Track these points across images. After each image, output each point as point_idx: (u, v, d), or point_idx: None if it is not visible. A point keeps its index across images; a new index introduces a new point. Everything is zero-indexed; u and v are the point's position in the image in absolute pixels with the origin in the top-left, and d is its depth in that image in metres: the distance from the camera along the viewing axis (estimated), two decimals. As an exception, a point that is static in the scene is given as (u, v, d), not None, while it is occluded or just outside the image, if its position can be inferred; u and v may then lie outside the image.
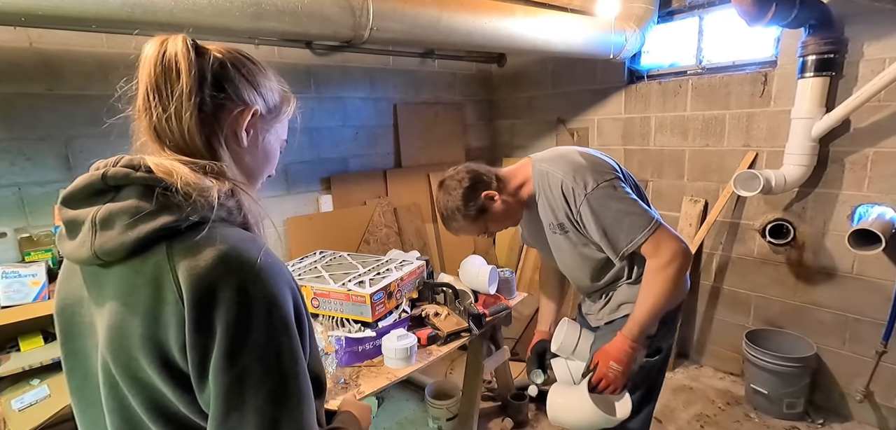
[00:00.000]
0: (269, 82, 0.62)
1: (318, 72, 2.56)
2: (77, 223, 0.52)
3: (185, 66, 0.53)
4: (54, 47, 1.81)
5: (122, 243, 0.49)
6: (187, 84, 0.52)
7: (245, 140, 0.59)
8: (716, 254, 2.57)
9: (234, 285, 0.47)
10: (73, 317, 0.57)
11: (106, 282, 0.52)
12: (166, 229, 0.49)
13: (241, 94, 0.58)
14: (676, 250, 1.12)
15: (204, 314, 0.46)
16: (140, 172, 0.51)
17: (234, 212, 0.54)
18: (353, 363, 1.54)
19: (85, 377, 0.57)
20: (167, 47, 0.53)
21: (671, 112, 2.59)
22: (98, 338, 0.53)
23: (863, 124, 2.03)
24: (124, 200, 0.50)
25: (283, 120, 0.66)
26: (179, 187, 0.49)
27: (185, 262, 0.48)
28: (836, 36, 1.98)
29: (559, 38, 2.13)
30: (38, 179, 1.85)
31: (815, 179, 2.17)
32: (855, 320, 2.17)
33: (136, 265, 0.49)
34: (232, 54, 0.58)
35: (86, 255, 0.50)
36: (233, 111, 0.57)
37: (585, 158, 1.21)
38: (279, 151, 0.67)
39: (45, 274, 1.73)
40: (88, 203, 0.52)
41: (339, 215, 2.69)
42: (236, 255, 0.49)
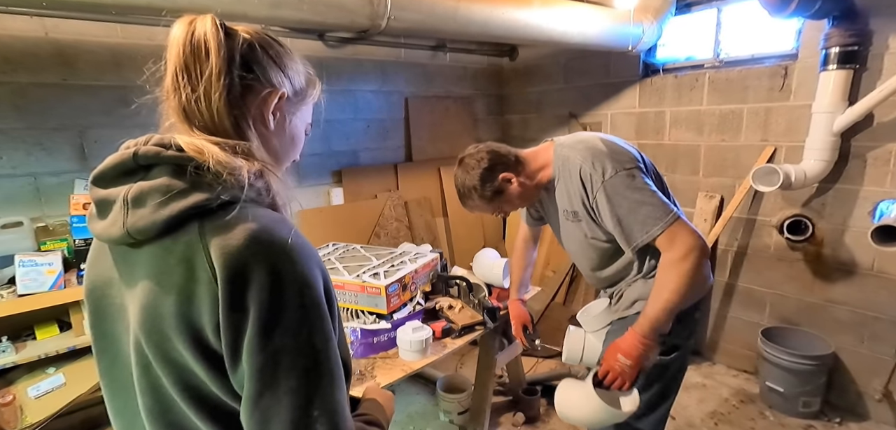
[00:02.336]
0: (296, 65, 0.61)
1: (330, 64, 2.55)
2: (108, 202, 0.51)
3: (214, 46, 0.52)
4: (69, 37, 1.81)
5: (155, 221, 0.48)
6: (217, 65, 0.52)
7: (272, 123, 0.58)
8: (731, 250, 2.54)
9: (268, 265, 0.47)
10: (103, 299, 0.56)
11: (137, 262, 0.51)
12: (198, 207, 0.48)
13: (268, 76, 0.57)
14: (693, 244, 1.08)
15: (237, 294, 0.46)
16: (171, 151, 0.50)
17: (263, 193, 0.53)
18: (368, 354, 1.53)
19: (115, 359, 0.57)
20: (196, 28, 0.53)
21: (686, 106, 2.56)
22: (128, 319, 0.52)
23: (887, 119, 1.98)
24: (155, 179, 0.50)
25: (309, 103, 0.65)
26: (211, 166, 0.49)
27: (217, 241, 0.47)
28: (860, 28, 1.93)
29: (576, 30, 2.10)
30: (53, 169, 1.85)
31: (835, 175, 2.13)
32: (874, 318, 2.13)
33: (168, 244, 0.49)
34: (260, 36, 0.58)
35: (118, 233, 0.50)
36: (261, 93, 0.56)
37: (606, 145, 1.17)
38: (305, 135, 0.67)
39: (60, 263, 1.74)
40: (119, 182, 0.51)
41: (350, 208, 2.68)
42: (268, 235, 0.48)
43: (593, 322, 1.36)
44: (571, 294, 2.87)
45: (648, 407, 1.25)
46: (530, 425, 2.22)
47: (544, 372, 2.50)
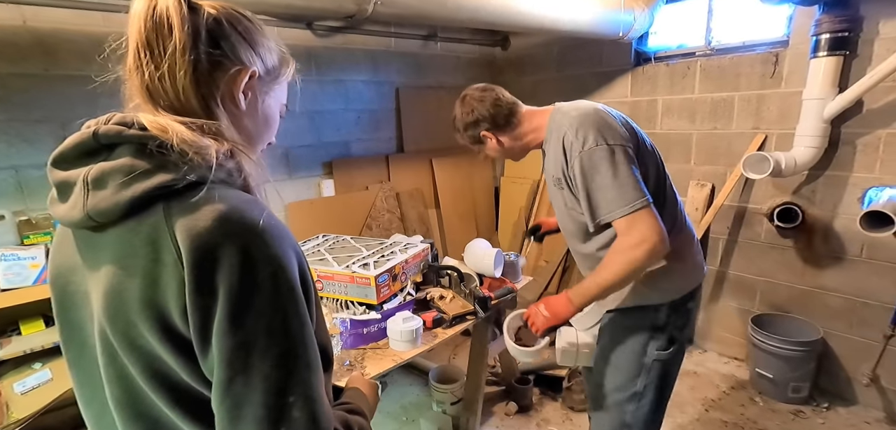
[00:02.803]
0: (267, 42, 0.59)
1: (320, 54, 2.51)
2: (68, 184, 0.49)
3: (177, 20, 0.49)
4: (49, 26, 1.76)
5: (117, 202, 0.46)
6: (181, 40, 0.49)
7: (243, 103, 0.56)
8: (722, 238, 2.55)
9: (237, 247, 0.45)
10: (67, 286, 0.54)
11: (101, 246, 0.49)
12: (163, 188, 0.46)
13: (238, 53, 0.55)
14: (649, 236, 1.04)
15: (205, 276, 0.44)
16: (133, 130, 0.48)
17: (234, 174, 0.51)
18: (358, 345, 1.52)
19: (82, 348, 0.55)
20: (158, 1, 0.50)
21: (679, 95, 2.55)
22: (93, 306, 0.51)
23: (876, 105, 1.99)
24: (118, 159, 0.47)
25: (283, 83, 0.62)
26: (175, 145, 0.47)
27: (183, 222, 0.45)
28: (851, 14, 1.93)
29: (567, 16, 2.08)
30: (35, 162, 1.81)
31: (825, 162, 2.13)
32: (863, 304, 2.15)
33: (132, 227, 0.47)
34: (227, 11, 0.55)
35: (78, 216, 0.47)
36: (229, 70, 0.54)
37: (598, 116, 1.13)
38: (280, 116, 0.64)
39: (44, 257, 1.72)
40: (80, 164, 0.49)
41: (341, 199, 2.66)
42: (238, 215, 0.46)
43: (584, 320, 1.36)
44: (564, 284, 2.88)
45: (648, 403, 1.23)
46: (523, 414, 2.23)
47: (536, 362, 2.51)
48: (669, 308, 1.19)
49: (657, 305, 1.20)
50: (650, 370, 1.22)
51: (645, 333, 1.21)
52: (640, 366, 1.22)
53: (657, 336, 1.21)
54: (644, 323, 1.21)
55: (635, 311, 1.22)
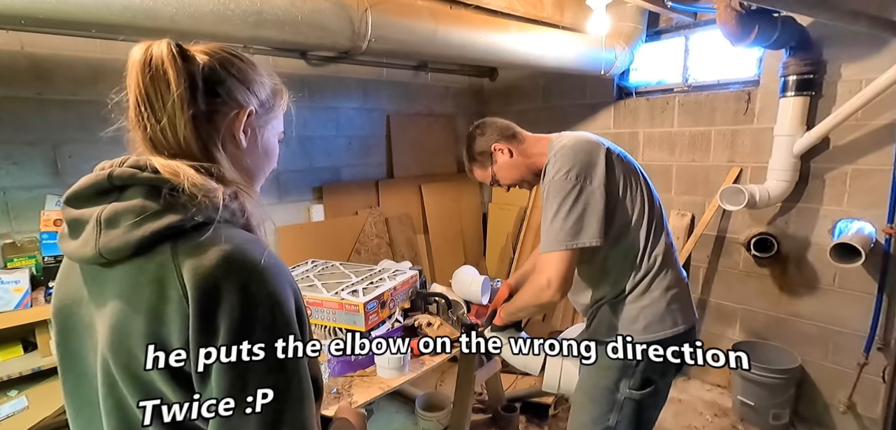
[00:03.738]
0: (261, 78, 0.61)
1: (313, 81, 2.58)
2: (81, 222, 0.52)
3: (173, 74, 0.52)
4: (46, 51, 1.79)
5: (127, 241, 0.49)
6: (178, 93, 0.52)
7: (244, 141, 0.59)
8: (702, 267, 2.62)
9: (239, 285, 0.48)
10: (71, 317, 0.56)
11: (108, 281, 0.51)
12: (172, 228, 0.49)
13: (234, 95, 0.57)
14: (553, 280, 1.13)
15: (208, 312, 0.47)
16: (146, 173, 0.51)
17: (238, 214, 0.54)
18: (346, 372, 1.52)
19: (80, 378, 0.56)
20: (152, 54, 0.52)
21: (658, 128, 2.66)
22: (96, 338, 0.53)
23: (842, 142, 2.10)
24: (130, 200, 0.50)
25: (278, 113, 0.64)
26: (186, 188, 0.50)
27: (189, 261, 0.48)
28: (815, 57, 2.06)
29: (551, 54, 2.18)
30: (24, 184, 1.81)
31: (797, 194, 2.23)
32: (837, 332, 2.22)
33: (140, 264, 0.49)
34: (220, 55, 0.57)
35: (90, 253, 0.50)
36: (228, 115, 0.57)
37: (577, 149, 1.18)
38: (278, 144, 0.67)
39: (28, 281, 1.69)
40: (93, 203, 0.52)
41: (331, 224, 2.68)
42: (241, 255, 0.49)
43: (553, 385, 1.39)
44: (550, 310, 2.91)
45: None
46: (510, 442, 2.22)
47: (524, 389, 2.52)
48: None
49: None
50: (622, 406, 1.22)
51: (617, 370, 1.21)
52: (613, 402, 1.22)
53: (630, 375, 1.20)
54: (616, 361, 1.20)
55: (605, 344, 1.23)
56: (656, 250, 1.22)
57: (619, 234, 1.21)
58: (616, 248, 1.21)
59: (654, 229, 1.22)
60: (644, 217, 1.21)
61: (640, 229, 1.21)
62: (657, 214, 1.24)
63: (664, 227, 1.26)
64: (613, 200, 1.18)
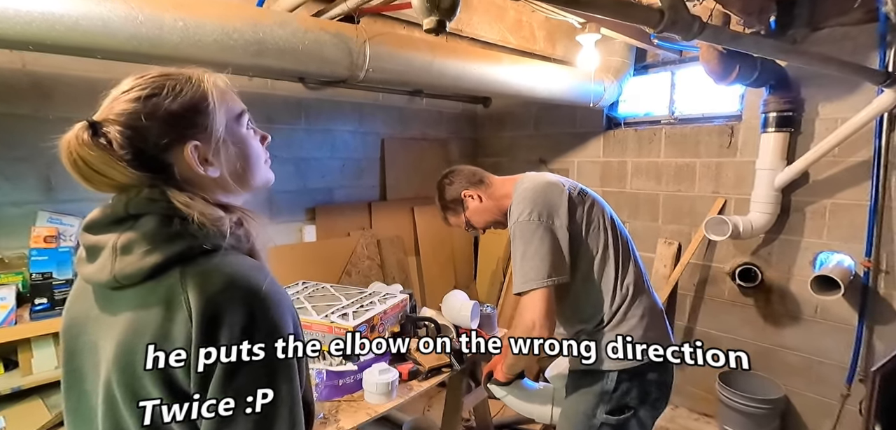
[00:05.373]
0: (180, 102, 0.55)
1: (310, 105, 2.62)
2: (98, 248, 0.55)
3: (93, 155, 0.52)
4: (47, 70, 1.81)
5: (141, 267, 0.52)
6: (116, 168, 0.52)
7: (210, 169, 0.57)
8: (689, 295, 2.66)
9: (241, 309, 0.51)
10: (78, 337, 0.59)
11: (118, 302, 0.54)
12: (181, 255, 0.52)
13: (170, 142, 0.54)
14: (537, 319, 1.15)
15: (210, 333, 0.49)
16: (160, 203, 0.54)
17: (243, 240, 0.58)
18: (334, 397, 1.52)
19: (80, 397, 0.58)
20: (68, 144, 0.52)
21: (646, 158, 2.73)
22: (99, 358, 0.55)
23: (821, 177, 2.18)
24: (143, 228, 0.53)
25: (220, 115, 0.58)
26: (195, 218, 0.53)
27: (196, 285, 0.51)
28: (793, 96, 2.15)
29: (542, 86, 2.25)
30: (15, 200, 1.81)
31: (779, 226, 2.30)
32: (820, 363, 2.26)
33: (151, 287, 0.52)
34: (133, 109, 0.54)
35: (105, 278, 0.53)
36: (180, 160, 0.55)
37: (539, 190, 1.25)
38: (251, 133, 0.63)
39: (13, 298, 1.67)
40: (109, 230, 0.55)
41: (322, 245, 2.69)
42: (245, 281, 0.52)
43: (559, 380, 1.41)
44: (541, 335, 2.91)
45: None
46: (497, 469, 2.20)
47: (511, 416, 2.51)
48: (621, 376, 1.21)
49: (606, 371, 1.22)
50: None
51: (594, 396, 1.24)
52: (590, 427, 1.25)
53: (607, 400, 1.23)
54: (594, 387, 1.25)
55: (587, 373, 1.26)
56: (627, 280, 1.26)
57: (588, 270, 1.25)
58: (587, 283, 1.26)
59: (622, 259, 1.27)
60: (610, 250, 1.26)
61: (607, 262, 1.26)
62: (623, 244, 1.30)
63: (631, 255, 1.31)
64: (577, 239, 1.24)
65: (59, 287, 1.74)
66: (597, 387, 1.24)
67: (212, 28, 1.27)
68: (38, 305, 1.70)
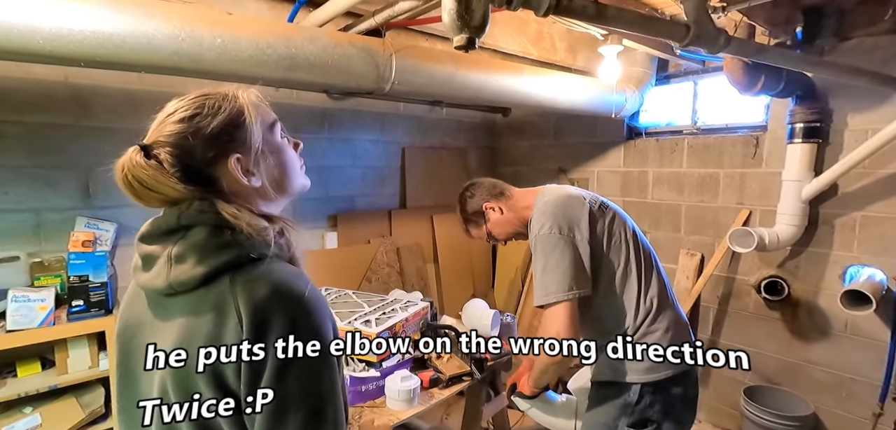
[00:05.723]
0: (220, 119, 0.59)
1: (333, 114, 2.68)
2: (153, 257, 0.59)
3: (148, 174, 0.55)
4: (86, 82, 1.90)
5: (193, 275, 0.55)
6: (168, 184, 0.56)
7: (253, 180, 0.61)
8: (712, 308, 2.61)
9: (287, 315, 0.54)
10: (132, 339, 0.62)
11: (171, 308, 0.58)
12: (230, 264, 0.56)
13: (214, 157, 0.59)
14: (561, 333, 1.13)
15: (259, 337, 0.52)
16: (209, 214, 0.58)
17: (285, 249, 0.61)
18: (356, 402, 1.54)
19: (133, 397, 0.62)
20: (124, 166, 0.56)
21: (668, 168, 2.71)
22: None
23: (850, 189, 2.13)
24: (195, 238, 0.57)
25: (257, 128, 0.62)
26: (244, 229, 0.57)
27: (245, 292, 0.54)
28: (821, 107, 2.11)
29: (564, 97, 2.26)
30: (56, 206, 1.89)
31: (806, 239, 2.25)
32: (850, 380, 2.19)
33: (202, 294, 0.56)
34: (179, 130, 0.58)
35: (161, 285, 0.57)
36: (224, 173, 0.59)
37: (561, 203, 1.26)
38: (286, 141, 0.67)
39: (53, 300, 1.75)
40: (163, 240, 0.59)
41: (343, 252, 2.73)
42: (288, 287, 0.56)
43: (582, 392, 1.41)
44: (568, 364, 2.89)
45: None
46: (516, 480, 2.19)
47: (530, 426, 2.49)
48: (644, 389, 1.20)
49: (630, 383, 1.22)
50: None
51: (617, 408, 1.24)
52: None
53: (629, 413, 1.22)
54: (617, 399, 1.24)
55: (609, 385, 1.26)
56: (651, 292, 1.26)
57: (609, 284, 1.25)
58: (608, 297, 1.25)
59: (645, 273, 1.26)
60: (632, 263, 1.26)
61: (629, 276, 1.25)
62: (646, 257, 1.29)
63: (654, 267, 1.30)
64: (598, 253, 1.24)
65: (95, 290, 1.81)
66: (619, 400, 1.24)
67: (247, 44, 1.32)
68: (74, 306, 1.77)
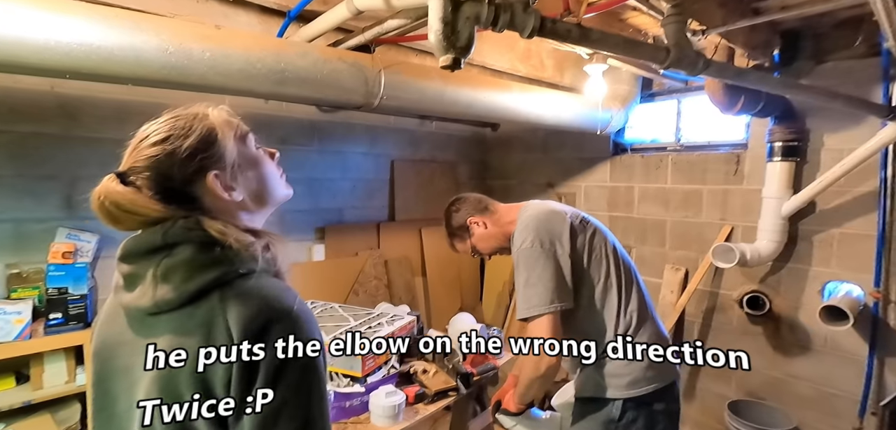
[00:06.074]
0: (192, 139, 0.60)
1: (323, 127, 2.69)
2: (136, 276, 0.58)
3: (125, 198, 0.56)
4: (74, 92, 1.89)
5: (181, 293, 0.55)
6: (148, 208, 0.56)
7: (233, 194, 0.62)
8: (697, 322, 2.65)
9: (277, 329, 0.54)
10: (109, 360, 0.61)
11: (156, 326, 0.57)
12: (219, 280, 0.56)
13: (192, 175, 0.59)
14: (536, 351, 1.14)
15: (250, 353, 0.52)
16: (196, 231, 0.57)
17: (271, 263, 0.61)
18: (340, 418, 1.53)
19: (111, 419, 0.61)
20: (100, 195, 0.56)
21: (653, 184, 2.76)
22: (131, 381, 0.57)
23: (828, 206, 2.19)
24: (181, 256, 0.56)
25: (229, 142, 0.63)
26: (233, 245, 0.57)
27: (234, 308, 0.54)
28: (799, 126, 2.18)
29: (551, 113, 2.30)
30: (38, 216, 1.87)
31: (787, 255, 2.30)
32: (832, 395, 2.23)
33: (190, 311, 0.55)
34: (152, 153, 0.58)
35: (146, 304, 0.56)
36: (205, 191, 0.60)
37: (542, 218, 1.28)
38: (262, 152, 0.67)
39: (30, 312, 1.71)
40: (146, 258, 0.58)
41: (331, 264, 2.72)
42: (278, 302, 0.56)
43: (566, 408, 1.42)
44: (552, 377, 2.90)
45: None
46: (503, 496, 2.17)
47: (519, 440, 2.48)
48: (627, 404, 1.22)
49: (611, 398, 1.23)
50: None
51: (600, 424, 1.25)
52: None
53: (612, 428, 1.23)
54: (599, 415, 1.25)
55: (592, 401, 1.27)
56: (631, 307, 1.27)
57: (590, 298, 1.27)
58: (590, 311, 1.27)
59: (625, 287, 1.28)
60: (612, 278, 1.27)
61: (609, 290, 1.27)
62: (626, 272, 1.31)
63: (635, 282, 1.32)
64: (579, 267, 1.26)
65: (74, 302, 1.78)
66: (602, 414, 1.25)
67: (237, 58, 1.33)
68: (52, 319, 1.74)
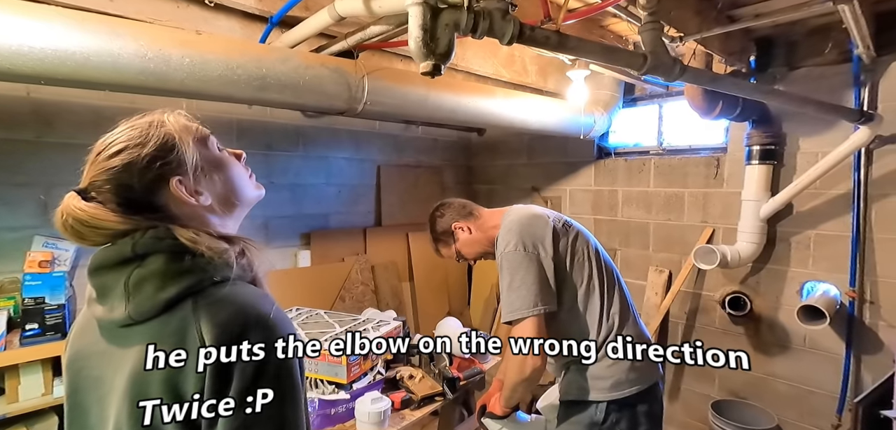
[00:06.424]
0: (149, 147, 0.58)
1: (307, 132, 2.67)
2: (108, 288, 0.57)
3: (85, 213, 0.55)
4: (50, 97, 1.85)
5: (155, 303, 0.54)
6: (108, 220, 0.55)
7: (202, 198, 0.61)
8: (681, 323, 2.69)
9: (253, 338, 0.53)
10: (82, 371, 0.60)
11: (129, 336, 0.56)
12: (192, 288, 0.55)
13: (153, 184, 0.58)
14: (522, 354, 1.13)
15: (224, 363, 0.51)
16: (166, 240, 0.56)
17: (247, 269, 0.60)
18: (325, 426, 1.51)
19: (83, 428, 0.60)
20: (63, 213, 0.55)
21: (636, 187, 2.80)
22: (103, 392, 0.56)
23: (804, 208, 2.25)
24: (152, 266, 0.55)
25: (189, 146, 0.61)
26: (204, 252, 0.56)
27: (208, 315, 0.53)
28: (775, 130, 2.24)
29: (534, 118, 2.32)
30: (11, 224, 1.82)
31: (766, 256, 2.35)
32: (811, 393, 2.28)
33: (164, 320, 0.54)
34: (110, 165, 0.57)
35: (119, 316, 0.55)
36: (170, 198, 0.58)
37: (525, 222, 1.29)
38: (225, 154, 0.66)
39: (4, 323, 1.66)
40: (118, 270, 0.56)
41: (317, 270, 2.70)
42: (254, 310, 0.55)
43: (551, 411, 1.43)
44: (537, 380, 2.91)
45: None
46: (491, 501, 2.17)
47: (506, 444, 2.48)
48: (610, 407, 1.23)
49: (595, 401, 1.24)
50: None
51: (584, 427, 1.26)
52: None
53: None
54: (583, 418, 1.26)
55: (575, 404, 1.28)
56: (613, 309, 1.29)
57: (573, 301, 1.28)
58: (572, 313, 1.28)
59: (607, 290, 1.30)
60: (595, 280, 1.29)
61: (592, 293, 1.28)
62: (608, 275, 1.32)
63: (617, 284, 1.33)
64: (562, 270, 1.27)
65: (51, 312, 1.73)
66: (586, 417, 1.26)
67: (216, 64, 1.32)
68: (28, 330, 1.69)
